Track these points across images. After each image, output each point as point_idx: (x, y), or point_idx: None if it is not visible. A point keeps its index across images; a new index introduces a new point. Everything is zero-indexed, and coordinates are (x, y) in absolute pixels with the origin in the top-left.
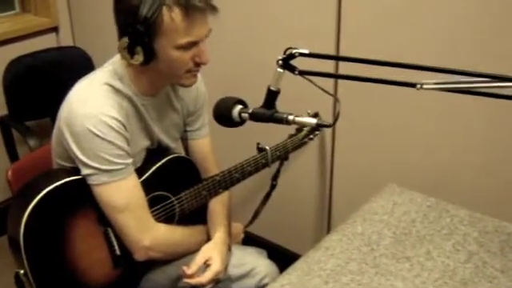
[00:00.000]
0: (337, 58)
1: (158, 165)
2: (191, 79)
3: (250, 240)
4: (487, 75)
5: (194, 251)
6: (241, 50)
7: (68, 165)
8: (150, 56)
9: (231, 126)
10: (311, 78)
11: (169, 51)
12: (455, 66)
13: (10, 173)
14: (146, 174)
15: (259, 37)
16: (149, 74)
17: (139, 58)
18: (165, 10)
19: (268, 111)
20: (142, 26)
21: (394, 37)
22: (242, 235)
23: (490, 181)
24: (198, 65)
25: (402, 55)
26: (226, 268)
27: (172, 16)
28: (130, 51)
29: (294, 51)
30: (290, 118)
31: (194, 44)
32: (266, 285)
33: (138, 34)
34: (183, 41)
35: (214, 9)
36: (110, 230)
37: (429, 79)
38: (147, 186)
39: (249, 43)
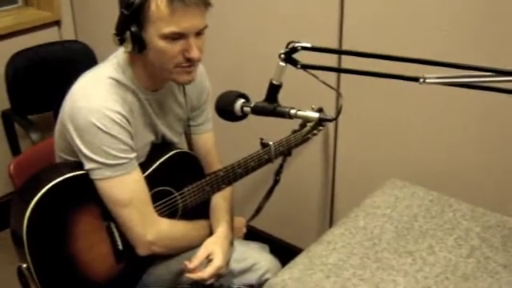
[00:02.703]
0: (339, 52)
1: (161, 160)
2: (183, 76)
3: (252, 234)
4: (490, 69)
5: (196, 246)
6: (243, 43)
7: (71, 158)
8: (140, 44)
9: (233, 120)
10: (314, 71)
11: (156, 40)
12: (458, 60)
13: (11, 167)
14: (150, 169)
15: (261, 31)
16: (144, 65)
17: (128, 45)
18: None
19: (270, 105)
20: (127, 10)
21: (397, 31)
22: (245, 230)
23: (492, 175)
24: (188, 60)
25: (404, 49)
26: (227, 263)
27: (158, 3)
28: (118, 36)
29: (296, 45)
30: (293, 111)
31: (180, 36)
32: (268, 279)
33: (125, 18)
34: (167, 30)
35: (205, 3)
36: (112, 225)
37: (432, 73)
38: (151, 181)
39: (251, 37)
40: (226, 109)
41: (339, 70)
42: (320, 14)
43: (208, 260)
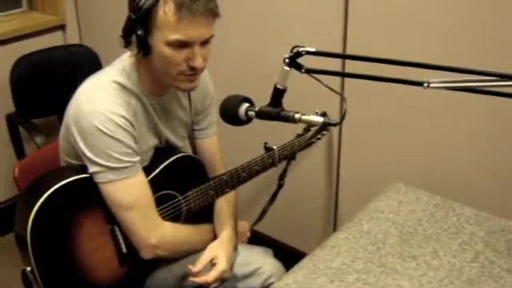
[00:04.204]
0: (343, 57)
1: (165, 164)
2: (186, 83)
3: (256, 239)
4: (494, 74)
5: (200, 250)
6: (248, 48)
7: (75, 162)
8: (145, 48)
9: (237, 125)
10: (318, 76)
11: (161, 46)
12: (462, 64)
13: (16, 170)
14: (154, 173)
15: (266, 35)
16: (149, 70)
17: (134, 48)
18: (161, 3)
19: (274, 109)
20: (134, 14)
21: (401, 36)
22: (249, 234)
23: (496, 180)
24: (192, 69)
25: (408, 54)
26: (231, 267)
27: (165, 10)
28: (125, 38)
29: (300, 49)
30: (297, 116)
31: (185, 44)
32: (272, 284)
33: (132, 22)
34: (172, 37)
35: (213, 14)
36: (116, 228)
37: (435, 78)
38: (154, 185)
39: (255, 42)
40: (230, 113)
41: (343, 75)
42: (324, 18)
43: (212, 264)
